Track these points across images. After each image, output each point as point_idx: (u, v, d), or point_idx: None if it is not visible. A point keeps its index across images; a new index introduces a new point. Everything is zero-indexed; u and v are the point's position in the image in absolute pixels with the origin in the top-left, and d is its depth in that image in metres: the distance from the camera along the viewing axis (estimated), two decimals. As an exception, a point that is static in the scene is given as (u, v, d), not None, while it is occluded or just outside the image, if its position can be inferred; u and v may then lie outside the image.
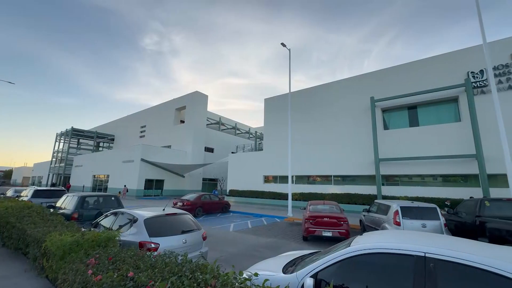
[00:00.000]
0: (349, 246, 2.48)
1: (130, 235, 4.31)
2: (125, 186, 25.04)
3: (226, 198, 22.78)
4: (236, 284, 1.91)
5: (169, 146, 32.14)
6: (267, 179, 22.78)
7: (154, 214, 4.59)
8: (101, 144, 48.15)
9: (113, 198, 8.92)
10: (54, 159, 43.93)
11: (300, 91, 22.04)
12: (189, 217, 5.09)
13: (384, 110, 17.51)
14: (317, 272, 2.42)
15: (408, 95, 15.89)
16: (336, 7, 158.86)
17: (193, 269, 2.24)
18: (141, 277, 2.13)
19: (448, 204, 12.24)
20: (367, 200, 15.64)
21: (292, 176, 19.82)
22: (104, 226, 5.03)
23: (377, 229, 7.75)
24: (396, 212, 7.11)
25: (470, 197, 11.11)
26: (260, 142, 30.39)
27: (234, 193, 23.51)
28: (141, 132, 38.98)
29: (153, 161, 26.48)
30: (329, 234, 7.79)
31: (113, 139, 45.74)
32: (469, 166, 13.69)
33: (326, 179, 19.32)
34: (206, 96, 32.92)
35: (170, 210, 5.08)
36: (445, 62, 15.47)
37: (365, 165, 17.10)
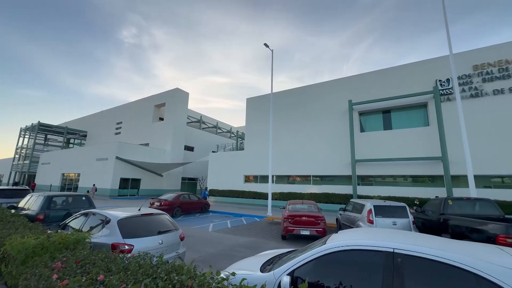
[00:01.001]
0: (325, 244, 2.56)
1: (102, 236, 4.10)
2: (94, 185, 23.63)
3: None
4: (213, 284, 1.89)
5: (147, 144, 31.00)
6: (247, 179, 22.79)
7: (129, 215, 4.41)
8: (71, 141, 45.20)
9: (83, 198, 8.42)
10: (17, 156, 40.48)
11: (282, 92, 22.33)
12: (166, 217, 4.95)
13: (361, 113, 18.29)
14: (293, 270, 2.47)
15: (382, 99, 16.74)
16: (319, 11, 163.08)
17: (168, 270, 2.18)
18: (112, 280, 2.03)
19: (417, 203, 13.07)
20: (344, 199, 16.25)
21: (273, 176, 20.02)
22: (73, 228, 4.73)
23: (352, 227, 8.08)
24: (370, 211, 7.46)
25: (436, 196, 11.94)
26: (241, 141, 30.36)
27: (214, 192, 23.24)
28: (117, 129, 37.18)
29: (129, 159, 25.39)
30: (307, 232, 7.98)
31: (85, 136, 43.15)
32: (435, 168, 14.73)
33: (305, 179, 19.76)
34: (187, 94, 32.20)
35: (146, 210, 4.90)
36: (417, 69, 16.51)
37: (342, 165, 17.74)
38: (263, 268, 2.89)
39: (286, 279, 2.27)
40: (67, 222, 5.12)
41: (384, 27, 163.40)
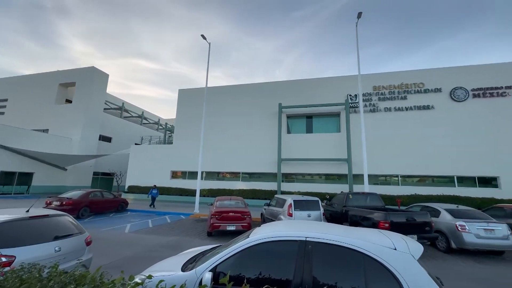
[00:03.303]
0: (248, 237, 2.67)
1: (-38, 249, 3.07)
2: None
3: (124, 195, 20.00)
4: (125, 290, 1.68)
5: (45, 130, 25.09)
6: (175, 175, 21.54)
7: (8, 218, 3.45)
8: None
9: None
10: None
11: (217, 87, 22.08)
12: (67, 219, 4.14)
13: (288, 116, 20.02)
14: (216, 266, 2.48)
15: (306, 106, 18.82)
16: (258, 14, 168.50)
17: (65, 282, 1.82)
18: (-26, 305, 1.54)
19: (327, 197, 15.27)
20: (269, 195, 17.42)
21: (202, 172, 19.59)
22: None
23: (275, 221, 8.75)
24: (290, 205, 8.27)
25: (341, 192, 14.26)
26: (170, 135, 28.41)
27: (134, 189, 20.95)
28: (-1, 107, 28.63)
29: (17, 147, 19.98)
30: (232, 228, 8.17)
31: None
32: (342, 168, 17.59)
33: (235, 175, 20.18)
34: (106, 75, 27.72)
35: (39, 211, 3.97)
36: (335, 83, 19.29)
37: (269, 163, 18.99)
38: (185, 267, 2.79)
39: (207, 276, 2.25)
40: None
41: (313, 40, 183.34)
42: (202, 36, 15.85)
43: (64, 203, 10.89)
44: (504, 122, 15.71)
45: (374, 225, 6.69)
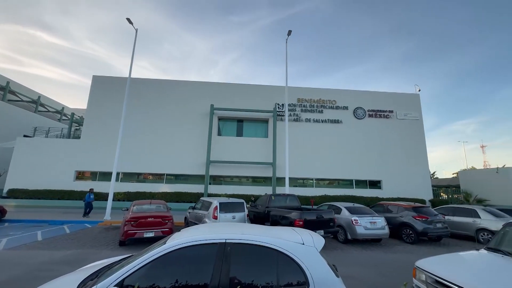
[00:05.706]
0: (165, 243, 2.50)
1: None
2: None
3: (2, 202, 15.44)
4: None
5: None
6: (81, 176, 18.15)
7: None
8: None
9: None
10: None
11: (142, 79, 20.04)
12: None
13: (220, 118, 19.99)
14: (124, 279, 2.21)
15: (238, 110, 19.29)
16: (194, 9, 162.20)
17: None
18: None
19: (253, 199, 15.95)
20: (195, 198, 16.83)
21: (118, 173, 17.25)
22: None
23: (199, 224, 8.50)
24: (215, 208, 8.23)
25: (265, 194, 15.18)
26: (77, 127, 23.85)
27: (18, 194, 16.50)
28: None
29: None
30: (151, 234, 7.47)
31: None
32: (267, 171, 18.77)
33: (158, 177, 18.62)
34: (-18, 43, 20.91)
35: None
36: (265, 91, 20.50)
37: (197, 165, 18.41)
38: (83, 285, 2.37)
39: (111, 292, 1.97)
40: None
41: (248, 47, 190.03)
42: (128, 19, 14.11)
43: None
44: (386, 138, 20.27)
45: (291, 223, 7.39)
